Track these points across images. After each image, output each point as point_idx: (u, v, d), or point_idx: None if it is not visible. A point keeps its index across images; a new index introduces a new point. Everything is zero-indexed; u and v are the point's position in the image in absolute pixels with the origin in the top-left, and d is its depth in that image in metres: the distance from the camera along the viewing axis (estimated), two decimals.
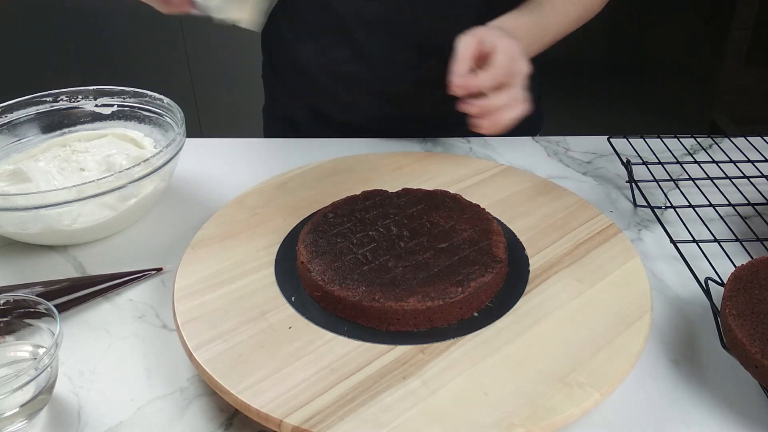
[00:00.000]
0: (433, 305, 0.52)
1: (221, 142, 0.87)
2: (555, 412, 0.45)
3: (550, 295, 0.55)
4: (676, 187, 0.75)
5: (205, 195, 0.76)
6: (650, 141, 0.82)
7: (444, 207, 0.63)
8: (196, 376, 0.52)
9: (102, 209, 0.65)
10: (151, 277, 0.64)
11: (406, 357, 0.49)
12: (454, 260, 0.56)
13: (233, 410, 0.50)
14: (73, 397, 0.51)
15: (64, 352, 0.55)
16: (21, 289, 0.59)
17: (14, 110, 0.77)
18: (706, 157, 0.81)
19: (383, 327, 0.52)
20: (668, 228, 0.66)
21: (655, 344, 0.55)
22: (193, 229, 0.65)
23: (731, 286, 0.52)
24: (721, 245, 0.63)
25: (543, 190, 0.70)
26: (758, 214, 0.69)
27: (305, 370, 0.48)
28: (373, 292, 0.53)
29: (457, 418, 0.44)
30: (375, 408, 0.45)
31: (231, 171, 0.80)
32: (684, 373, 0.52)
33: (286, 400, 0.45)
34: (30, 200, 0.61)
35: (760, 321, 0.48)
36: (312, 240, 0.59)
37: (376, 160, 0.76)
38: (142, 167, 0.64)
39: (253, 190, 0.70)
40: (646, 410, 0.49)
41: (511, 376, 0.47)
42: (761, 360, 0.46)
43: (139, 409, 0.50)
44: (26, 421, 0.48)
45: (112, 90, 0.79)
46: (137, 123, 0.80)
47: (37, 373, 0.46)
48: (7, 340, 0.52)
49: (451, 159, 0.77)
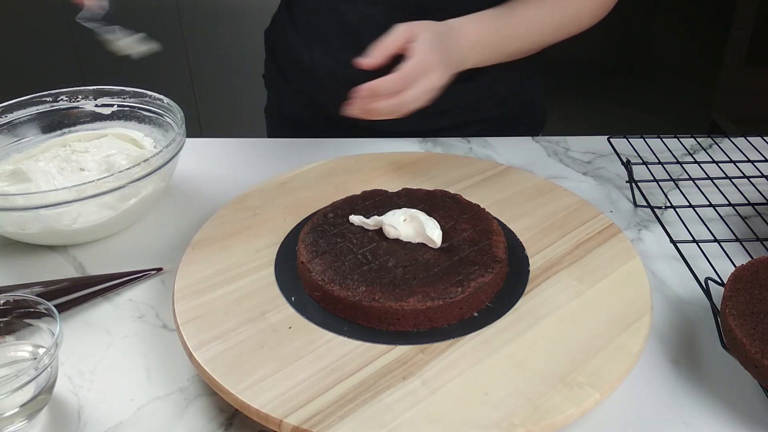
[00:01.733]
0: (433, 305, 0.52)
1: (221, 142, 0.87)
2: (555, 412, 0.45)
3: (550, 295, 0.55)
4: (676, 187, 0.75)
5: (205, 195, 0.76)
6: (650, 141, 0.82)
7: (444, 207, 0.63)
8: (196, 376, 0.52)
9: (102, 209, 0.65)
10: (151, 277, 0.64)
11: (406, 357, 0.49)
12: (454, 260, 0.56)
13: (233, 410, 0.50)
14: (73, 397, 0.51)
15: (64, 352, 0.55)
16: (21, 289, 0.59)
17: (14, 110, 0.77)
18: (706, 157, 0.81)
19: (383, 327, 0.52)
20: (668, 228, 0.66)
21: (655, 344, 0.55)
22: (193, 229, 0.65)
23: (731, 286, 0.52)
24: (721, 245, 0.63)
25: (543, 190, 0.70)
26: (758, 214, 0.69)
27: (305, 370, 0.48)
28: (373, 292, 0.53)
29: (457, 418, 0.44)
30: (375, 408, 0.45)
31: (231, 171, 0.80)
32: (684, 373, 0.52)
33: (286, 400, 0.45)
34: (30, 200, 0.61)
35: (760, 321, 0.48)
36: (312, 240, 0.59)
37: (376, 160, 0.76)
38: (142, 167, 0.64)
39: (253, 190, 0.70)
40: (646, 410, 0.49)
41: (511, 376, 0.47)
42: (761, 360, 0.46)
43: (139, 409, 0.50)
44: (26, 421, 0.48)
45: (112, 90, 0.79)
46: (137, 123, 0.80)
47: (37, 373, 0.46)
48: (7, 340, 0.52)
49: (451, 159, 0.77)
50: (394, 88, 0.66)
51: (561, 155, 0.83)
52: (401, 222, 0.58)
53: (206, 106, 2.14)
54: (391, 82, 0.66)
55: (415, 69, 0.67)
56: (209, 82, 2.10)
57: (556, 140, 0.87)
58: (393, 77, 0.66)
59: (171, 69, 2.08)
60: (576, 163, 0.82)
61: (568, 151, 0.84)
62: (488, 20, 0.76)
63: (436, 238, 0.57)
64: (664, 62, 2.08)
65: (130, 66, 2.07)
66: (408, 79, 0.66)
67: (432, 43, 0.69)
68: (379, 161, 0.76)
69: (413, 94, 0.67)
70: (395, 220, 0.58)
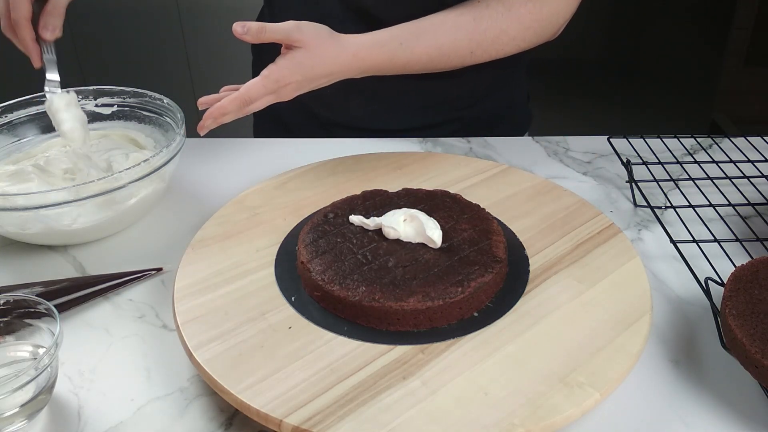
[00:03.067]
0: (433, 305, 0.52)
1: (221, 142, 0.87)
2: (555, 412, 0.45)
3: (550, 295, 0.55)
4: (676, 187, 0.75)
5: (205, 195, 0.76)
6: (650, 141, 0.82)
7: (444, 207, 0.63)
8: (196, 376, 0.52)
9: (102, 209, 0.65)
10: (151, 277, 0.64)
11: (406, 357, 0.49)
12: (454, 260, 0.56)
13: (233, 410, 0.50)
14: (73, 397, 0.51)
15: (64, 352, 0.55)
16: (21, 289, 0.59)
17: (14, 110, 0.77)
18: (706, 157, 0.81)
19: (383, 327, 0.52)
20: (668, 228, 0.66)
21: (655, 344, 0.55)
22: (193, 229, 0.65)
23: (731, 286, 0.52)
24: (721, 245, 0.63)
25: (543, 190, 0.70)
26: (758, 214, 0.69)
27: (305, 370, 0.48)
28: (373, 292, 0.53)
29: (457, 418, 0.44)
30: (375, 408, 0.45)
31: (231, 171, 0.80)
32: (684, 373, 0.52)
33: (286, 400, 0.45)
34: (30, 200, 0.61)
35: (760, 321, 0.48)
36: (312, 240, 0.59)
37: (376, 160, 0.76)
38: (142, 167, 0.64)
39: (253, 190, 0.70)
40: (646, 410, 0.49)
41: (511, 376, 0.47)
42: (761, 360, 0.46)
43: (139, 409, 0.50)
44: (26, 421, 0.48)
45: (112, 90, 0.79)
46: (137, 123, 0.80)
47: (37, 373, 0.46)
48: (7, 340, 0.52)
49: (451, 159, 0.77)
50: (237, 108, 0.67)
51: (561, 155, 0.83)
52: (401, 222, 0.58)
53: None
54: (235, 102, 0.66)
55: (269, 87, 0.67)
56: (209, 82, 2.10)
57: (556, 140, 0.87)
58: (239, 95, 0.66)
59: (171, 69, 2.08)
60: (576, 163, 0.82)
61: (568, 151, 0.84)
62: (389, 47, 0.72)
63: (436, 239, 0.57)
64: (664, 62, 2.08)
65: (130, 66, 2.08)
66: (257, 94, 0.67)
67: (305, 64, 0.68)
68: (379, 161, 0.76)
69: (256, 106, 0.68)
70: (395, 221, 0.58)
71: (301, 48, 0.68)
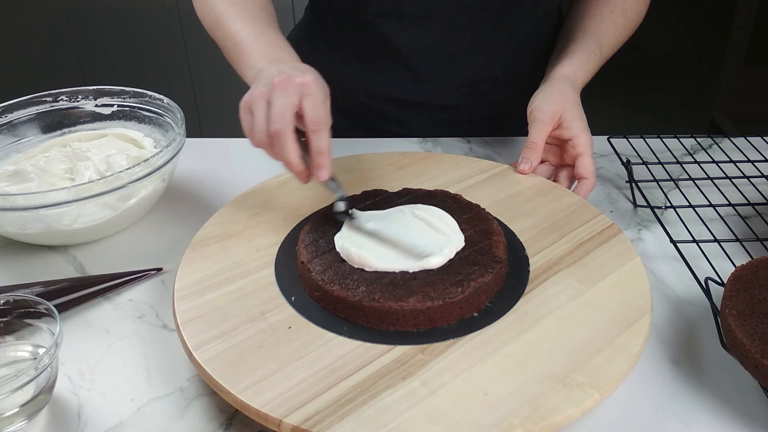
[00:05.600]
0: (433, 305, 0.52)
1: (221, 142, 0.87)
2: (555, 413, 0.45)
3: (550, 295, 0.55)
4: (676, 187, 0.75)
5: (205, 195, 0.76)
6: (650, 141, 0.82)
7: (444, 207, 0.63)
8: (196, 376, 0.52)
9: (102, 209, 0.65)
10: (151, 277, 0.64)
11: (406, 357, 0.49)
12: (454, 260, 0.56)
13: (233, 410, 0.50)
14: (73, 397, 0.51)
15: (64, 352, 0.55)
16: (21, 289, 0.59)
17: (14, 110, 0.77)
18: (706, 157, 0.81)
19: (383, 327, 0.52)
20: (668, 228, 0.66)
21: (655, 344, 0.55)
22: (193, 229, 0.65)
23: (731, 286, 0.52)
24: (721, 245, 0.63)
25: (543, 190, 0.70)
26: (758, 214, 0.69)
27: (305, 370, 0.48)
28: (373, 292, 0.53)
29: (456, 418, 0.44)
30: (375, 408, 0.45)
31: (231, 171, 0.80)
32: (684, 373, 0.52)
33: (285, 400, 0.45)
34: (30, 200, 0.61)
35: (760, 321, 0.48)
36: (312, 240, 0.59)
37: (376, 160, 0.76)
38: (142, 167, 0.64)
39: (253, 190, 0.70)
40: (646, 410, 0.49)
41: (510, 376, 0.47)
42: (761, 360, 0.46)
43: (139, 409, 0.50)
44: (26, 421, 0.48)
45: (112, 90, 0.79)
46: (137, 123, 0.80)
47: (37, 373, 0.46)
48: (7, 340, 0.52)
49: (451, 159, 0.77)
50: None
51: None
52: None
53: (206, 106, 2.14)
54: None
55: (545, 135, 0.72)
56: (209, 82, 2.10)
57: None
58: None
59: (171, 69, 2.08)
60: None
61: None
62: (591, 63, 0.80)
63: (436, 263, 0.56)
64: (664, 62, 2.07)
65: (130, 66, 2.08)
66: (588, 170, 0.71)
67: (578, 114, 0.74)
68: (379, 161, 0.76)
69: None
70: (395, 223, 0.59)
71: (565, 113, 0.74)
